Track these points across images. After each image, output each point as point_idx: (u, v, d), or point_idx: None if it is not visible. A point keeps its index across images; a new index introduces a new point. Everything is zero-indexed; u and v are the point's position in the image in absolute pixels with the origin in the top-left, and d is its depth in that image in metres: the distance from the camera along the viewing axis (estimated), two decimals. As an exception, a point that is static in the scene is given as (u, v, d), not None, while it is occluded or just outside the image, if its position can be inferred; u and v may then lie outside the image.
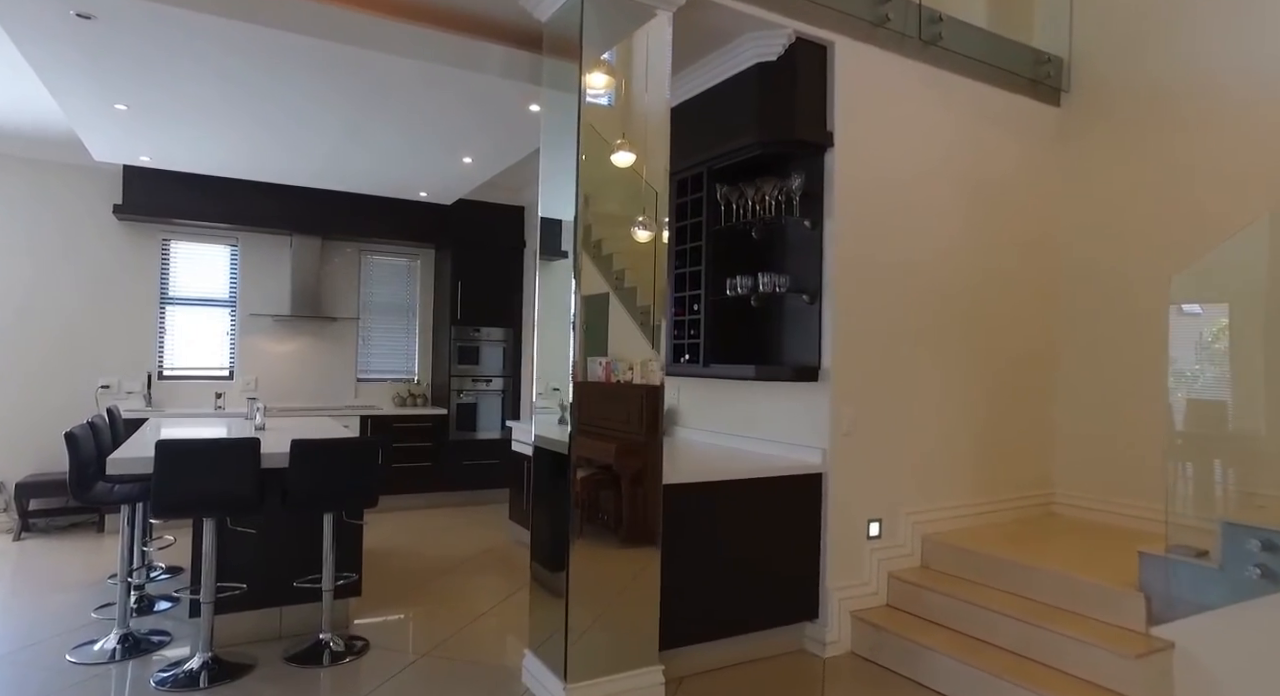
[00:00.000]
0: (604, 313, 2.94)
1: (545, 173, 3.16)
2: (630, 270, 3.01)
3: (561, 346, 2.83)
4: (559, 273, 3.01)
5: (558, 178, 3.01)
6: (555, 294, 3.04)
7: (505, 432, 6.61)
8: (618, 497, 2.84)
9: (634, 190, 3.00)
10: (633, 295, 3.01)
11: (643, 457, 2.85)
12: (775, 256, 3.70)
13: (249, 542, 3.19)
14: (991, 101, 3.92)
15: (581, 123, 2.77)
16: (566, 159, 2.86)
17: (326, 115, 4.16)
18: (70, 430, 3.12)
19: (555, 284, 3.07)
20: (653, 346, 2.96)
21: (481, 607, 3.86)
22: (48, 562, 4.52)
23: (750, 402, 3.76)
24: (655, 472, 2.87)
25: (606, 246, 2.98)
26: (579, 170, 2.78)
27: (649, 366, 2.98)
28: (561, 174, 2.94)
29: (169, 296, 5.97)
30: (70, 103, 3.95)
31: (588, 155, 2.81)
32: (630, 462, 2.85)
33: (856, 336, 3.43)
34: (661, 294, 2.98)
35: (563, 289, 2.85)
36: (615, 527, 2.82)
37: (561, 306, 2.86)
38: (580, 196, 2.78)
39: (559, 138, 2.96)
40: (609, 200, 2.96)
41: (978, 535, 3.63)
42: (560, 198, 2.98)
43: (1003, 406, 3.97)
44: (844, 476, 3.39)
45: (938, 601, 3.27)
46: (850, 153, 3.41)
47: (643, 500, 2.86)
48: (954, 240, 3.79)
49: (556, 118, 3.00)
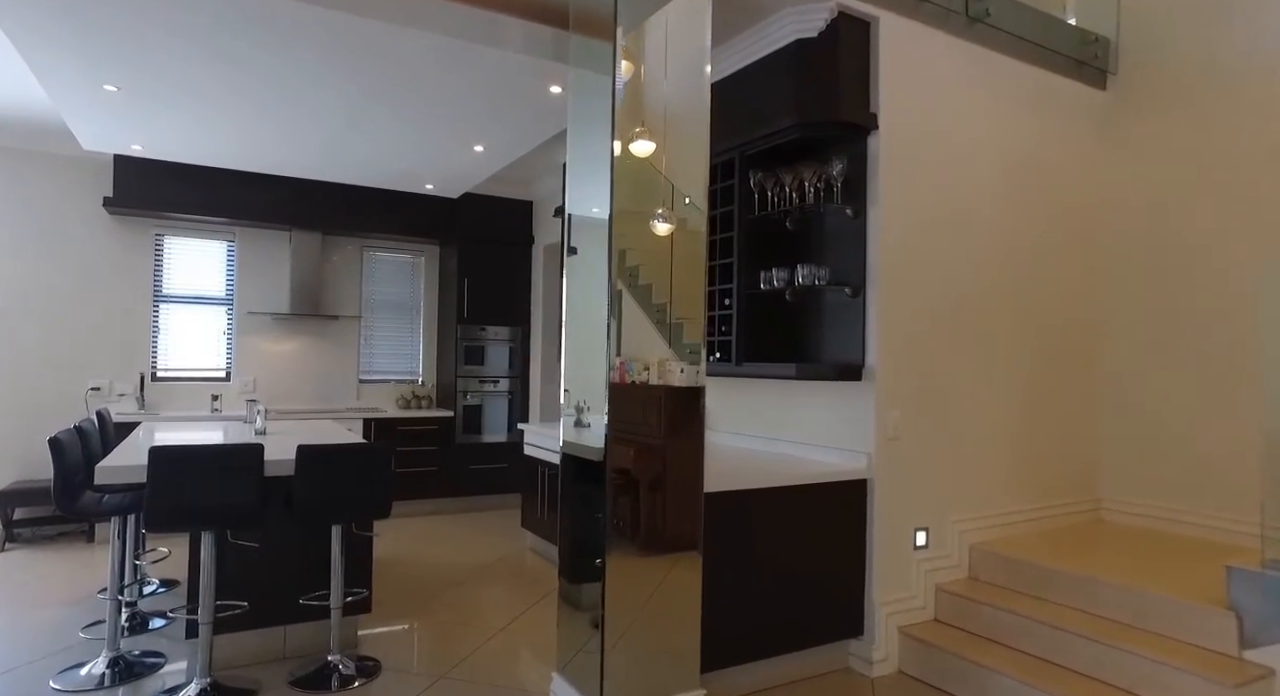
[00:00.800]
0: (617, 311, 2.74)
1: (573, 161, 2.93)
2: (645, 266, 2.82)
3: (589, 347, 2.62)
4: (588, 269, 2.80)
5: (586, 166, 2.81)
6: (584, 291, 2.82)
7: (512, 435, 6.38)
8: (651, 506, 2.61)
9: (650, 181, 2.79)
10: (648, 292, 2.80)
11: (670, 461, 2.63)
12: (812, 247, 3.48)
13: (251, 557, 2.94)
14: (1036, 83, 3.70)
15: (616, 107, 2.54)
16: (596, 146, 2.66)
17: (329, 100, 3.90)
18: (55, 435, 2.87)
19: (583, 280, 2.85)
20: (669, 345, 2.77)
21: (498, 622, 3.62)
22: (33, 575, 4.26)
23: (786, 404, 3.53)
24: (687, 478, 2.65)
25: (620, 241, 2.82)
26: (614, 159, 2.55)
27: (666, 366, 2.77)
28: (590, 162, 2.75)
29: (162, 294, 5.70)
30: (56, 84, 3.68)
31: (586, 148, 2.64)
32: (657, 467, 2.63)
33: (903, 332, 3.21)
34: (698, 289, 2.76)
35: (592, 286, 2.65)
36: (650, 539, 2.60)
37: (591, 305, 2.65)
38: (615, 187, 2.55)
39: (587, 124, 2.77)
40: (622, 192, 2.77)
41: (1027, 544, 3.41)
42: (588, 188, 2.79)
43: (1047, 405, 3.75)
44: (890, 483, 3.16)
45: (992, 616, 3.04)
46: (896, 136, 3.19)
47: (682, 508, 2.63)
48: (997, 231, 3.57)
49: (585, 101, 2.80)
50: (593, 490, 2.94)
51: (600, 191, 2.79)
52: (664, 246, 2.79)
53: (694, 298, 2.73)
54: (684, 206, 2.75)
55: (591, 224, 2.80)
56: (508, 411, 6.45)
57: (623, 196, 2.76)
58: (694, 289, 2.74)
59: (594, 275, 2.93)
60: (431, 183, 5.71)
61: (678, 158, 2.78)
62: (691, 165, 2.77)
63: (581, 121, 2.88)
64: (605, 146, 2.62)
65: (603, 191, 2.70)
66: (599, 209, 2.79)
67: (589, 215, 2.88)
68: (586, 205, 2.92)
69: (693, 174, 2.75)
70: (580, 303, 2.92)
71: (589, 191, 2.92)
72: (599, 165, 2.67)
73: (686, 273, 2.78)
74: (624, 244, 2.85)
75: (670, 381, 2.74)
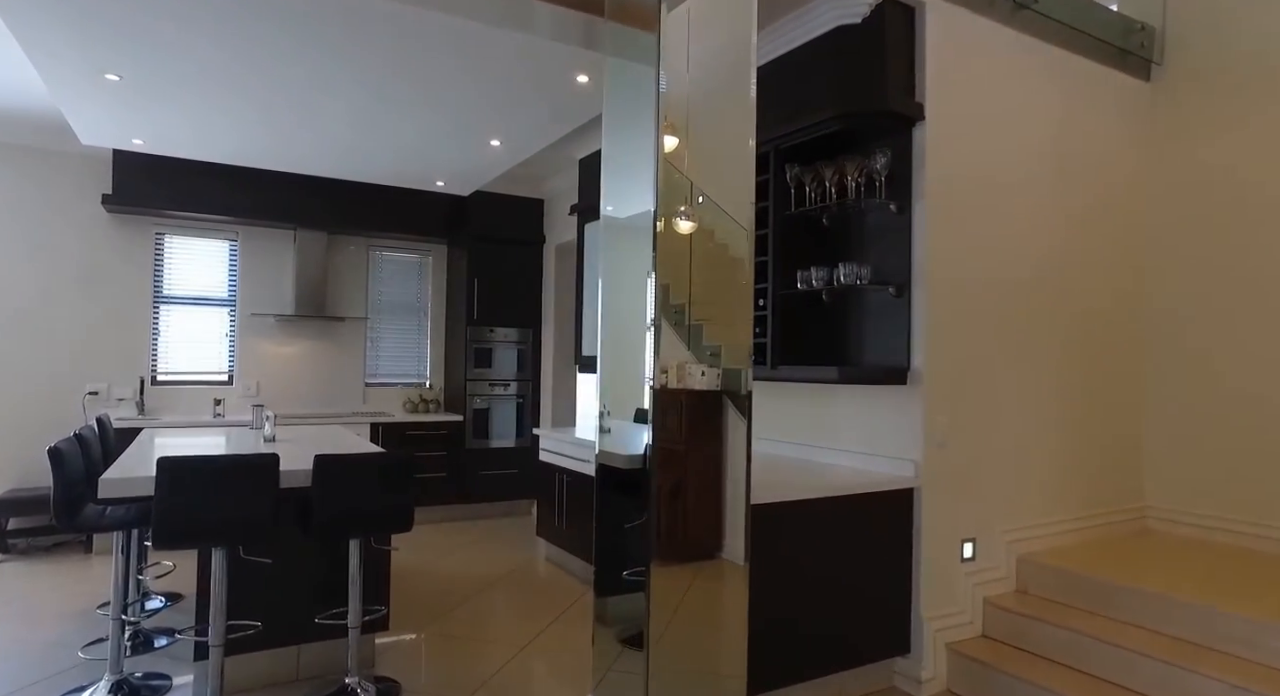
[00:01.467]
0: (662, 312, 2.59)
1: (608, 156, 2.77)
2: (661, 265, 2.67)
3: (621, 351, 2.48)
4: (622, 269, 2.66)
5: (622, 161, 2.67)
6: (615, 292, 2.67)
7: (521, 440, 6.21)
8: (673, 514, 2.47)
9: (669, 178, 2.64)
10: (665, 292, 2.65)
11: (690, 468, 2.49)
12: (850, 245, 3.32)
13: (264, 574, 2.76)
14: (1080, 73, 3.56)
15: (661, 100, 2.38)
16: (632, 141, 2.52)
17: (341, 91, 3.72)
18: (55, 445, 2.69)
19: (617, 281, 2.71)
20: (688, 347, 2.63)
21: (521, 638, 3.45)
22: (29, 589, 4.07)
23: (824, 409, 3.37)
24: (710, 485, 2.50)
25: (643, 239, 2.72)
26: (659, 153, 2.39)
27: (685, 369, 2.62)
28: (626, 157, 2.62)
29: (163, 295, 5.51)
30: (55, 74, 3.49)
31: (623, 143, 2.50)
32: (677, 474, 2.49)
33: (950, 333, 3.05)
34: (736, 290, 2.60)
35: (622, 286, 2.50)
36: (673, 549, 2.45)
37: (622, 307, 2.50)
38: (660, 184, 2.39)
39: (623, 118, 2.62)
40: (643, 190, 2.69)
41: (1078, 555, 3.26)
42: (622, 185, 2.65)
43: (1091, 409, 3.60)
44: (938, 492, 3.01)
45: (1046, 632, 2.88)
46: (943, 127, 3.04)
47: (704, 517, 2.49)
48: (1041, 227, 3.42)
49: (621, 93, 2.65)
50: (626, 500, 2.79)
51: (635, 188, 2.66)
52: (683, 246, 2.65)
53: (727, 299, 2.58)
54: (700, 204, 2.60)
55: (624, 223, 2.66)
56: (519, 416, 6.28)
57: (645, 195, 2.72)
58: (724, 289, 2.59)
59: (626, 275, 2.78)
60: (443, 179, 5.53)
61: (703, 153, 2.62)
62: (721, 160, 2.62)
63: (617, 115, 2.74)
64: (642, 142, 2.49)
65: (639, 189, 2.59)
66: (635, 207, 2.67)
67: (624, 213, 2.74)
68: (621, 203, 2.77)
69: (718, 170, 2.60)
70: (612, 305, 2.78)
71: (623, 188, 2.78)
72: (635, 161, 2.54)
73: (710, 271, 2.64)
74: (621, 242, 2.80)
75: (690, 385, 2.61)
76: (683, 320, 2.72)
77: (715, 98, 2.61)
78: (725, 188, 2.60)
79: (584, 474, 4.28)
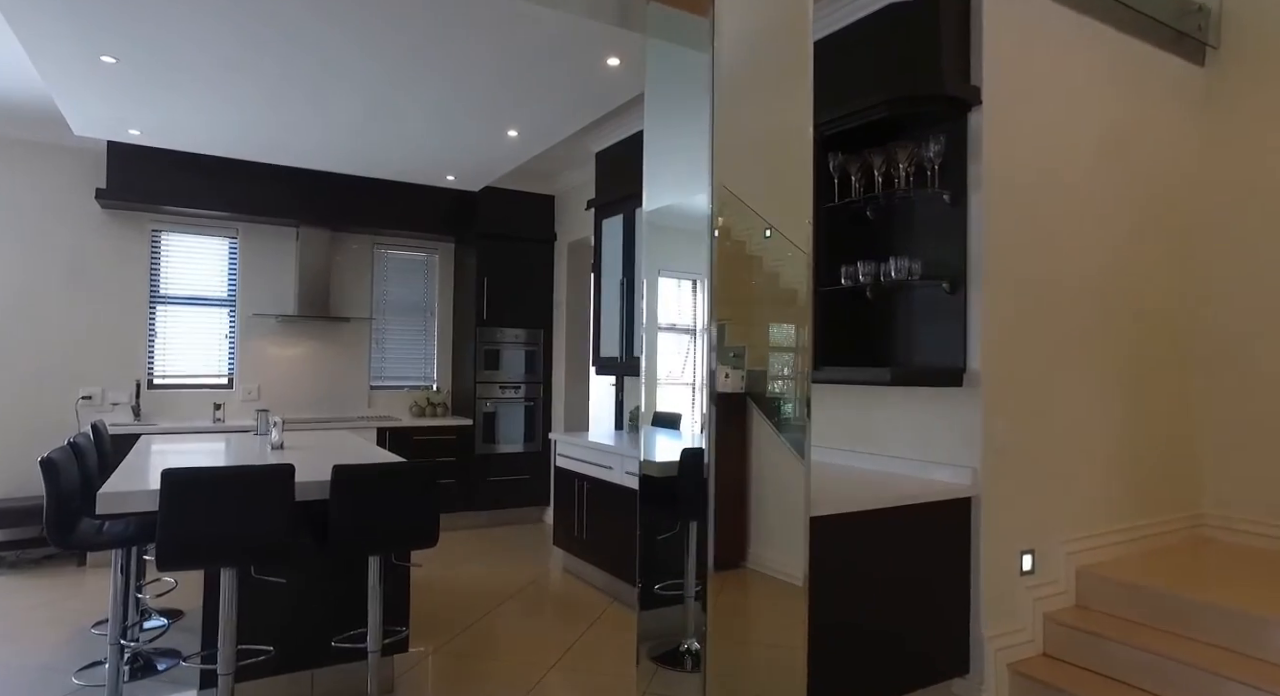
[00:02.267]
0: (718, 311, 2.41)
1: (650, 150, 2.58)
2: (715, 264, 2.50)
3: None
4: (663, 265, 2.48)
5: (669, 155, 2.50)
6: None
7: (531, 445, 5.99)
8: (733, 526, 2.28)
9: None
10: (719, 293, 2.47)
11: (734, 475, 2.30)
12: (895, 238, 3.12)
13: (276, 594, 2.55)
14: (1135, 57, 3.38)
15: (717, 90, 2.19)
16: (684, 131, 2.37)
17: (356, 75, 3.48)
18: (48, 456, 2.46)
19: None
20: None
21: (548, 656, 3.24)
22: (18, 606, 3.83)
23: (870, 413, 3.18)
24: (733, 492, 2.31)
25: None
26: (714, 148, 2.19)
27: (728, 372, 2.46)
28: (675, 152, 2.48)
29: (159, 294, 5.28)
30: (46, 56, 3.25)
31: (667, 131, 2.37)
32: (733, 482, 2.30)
33: (1009, 332, 2.87)
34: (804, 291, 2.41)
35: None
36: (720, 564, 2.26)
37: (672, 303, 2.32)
38: (715, 179, 2.20)
39: (666, 105, 2.43)
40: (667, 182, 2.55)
41: (1139, 567, 3.07)
42: (669, 178, 2.47)
43: (1147, 411, 3.42)
44: (997, 501, 2.82)
45: (1114, 652, 2.69)
46: (1001, 112, 2.85)
47: (728, 525, 2.30)
48: (1097, 219, 3.24)
49: (667, 80, 2.49)
50: (659, 510, 2.62)
51: (678, 181, 2.49)
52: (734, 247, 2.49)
53: (777, 297, 2.40)
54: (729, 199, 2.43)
55: (668, 217, 2.49)
56: (530, 419, 6.06)
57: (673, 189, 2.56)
58: (774, 286, 2.41)
59: (668, 271, 2.60)
60: (454, 174, 5.31)
61: (734, 142, 2.43)
62: (770, 149, 2.43)
63: (660, 101, 2.56)
64: (685, 131, 2.32)
65: (681, 182, 2.42)
66: (679, 201, 2.49)
67: (666, 206, 2.56)
68: (662, 196, 2.60)
69: (767, 160, 2.42)
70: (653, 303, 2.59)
71: (665, 181, 2.60)
72: (679, 150, 2.37)
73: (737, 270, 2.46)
74: (665, 241, 2.63)
75: (716, 388, 2.42)
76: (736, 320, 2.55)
77: (763, 80, 2.41)
78: (776, 181, 2.41)
79: (605, 481, 4.08)
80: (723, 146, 2.19)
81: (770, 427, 2.32)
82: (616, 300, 4.61)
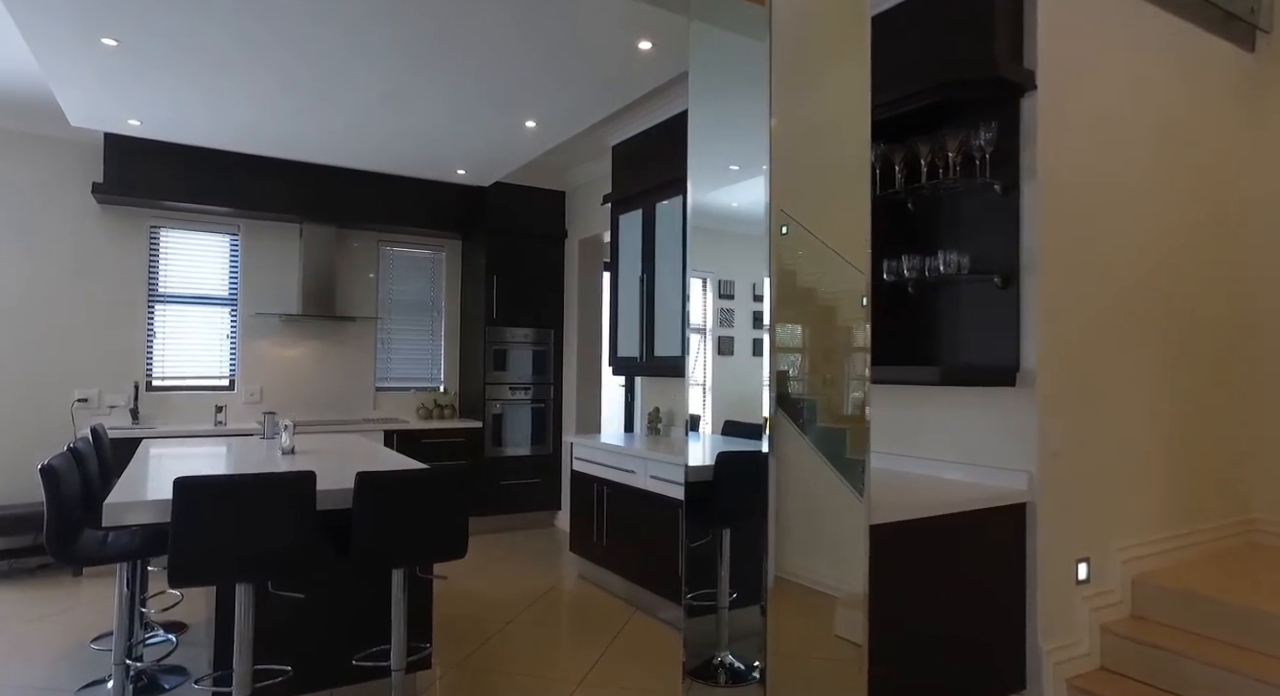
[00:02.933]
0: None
1: (695, 139, 2.44)
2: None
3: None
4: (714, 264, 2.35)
5: (713, 144, 2.38)
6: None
7: (540, 447, 5.83)
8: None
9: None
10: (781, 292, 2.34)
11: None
12: (940, 231, 2.98)
13: (294, 609, 2.38)
14: (1185, 40, 3.25)
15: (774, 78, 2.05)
16: (729, 120, 2.25)
17: (374, 58, 3.25)
18: (49, 463, 2.29)
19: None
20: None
21: (574, 671, 3.08)
22: (12, 619, 3.64)
23: (911, 413, 3.03)
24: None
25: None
26: (772, 151, 2.04)
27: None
28: (719, 141, 2.39)
29: (158, 293, 5.09)
30: (43, 38, 3.06)
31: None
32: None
33: (1065, 329, 2.73)
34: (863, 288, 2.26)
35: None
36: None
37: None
38: (773, 178, 2.06)
39: (710, 93, 2.31)
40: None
41: (1195, 575, 2.93)
42: (713, 169, 2.35)
43: (1198, 412, 3.29)
44: (1053, 506, 2.68)
45: (1182, 667, 2.55)
46: (1057, 97, 2.71)
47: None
48: (1150, 211, 3.11)
49: (711, 67, 2.36)
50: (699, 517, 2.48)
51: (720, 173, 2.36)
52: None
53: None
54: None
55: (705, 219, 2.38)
56: (540, 421, 5.89)
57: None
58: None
59: (712, 266, 2.46)
60: (465, 168, 5.14)
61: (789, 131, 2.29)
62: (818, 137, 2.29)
63: (703, 90, 2.43)
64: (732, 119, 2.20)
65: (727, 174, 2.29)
66: (723, 196, 2.37)
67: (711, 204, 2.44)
68: (707, 190, 2.47)
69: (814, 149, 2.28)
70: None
71: (709, 174, 2.46)
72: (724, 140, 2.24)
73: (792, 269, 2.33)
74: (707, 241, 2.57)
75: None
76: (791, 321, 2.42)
77: (818, 66, 2.26)
78: (826, 170, 2.26)
79: (628, 485, 3.93)
80: (780, 138, 2.04)
81: (814, 434, 2.16)
82: (635, 298, 4.46)
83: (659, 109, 4.23)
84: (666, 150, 4.21)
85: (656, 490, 3.69)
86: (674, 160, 4.12)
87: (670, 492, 3.57)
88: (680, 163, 3.99)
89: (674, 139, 4.15)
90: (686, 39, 3.04)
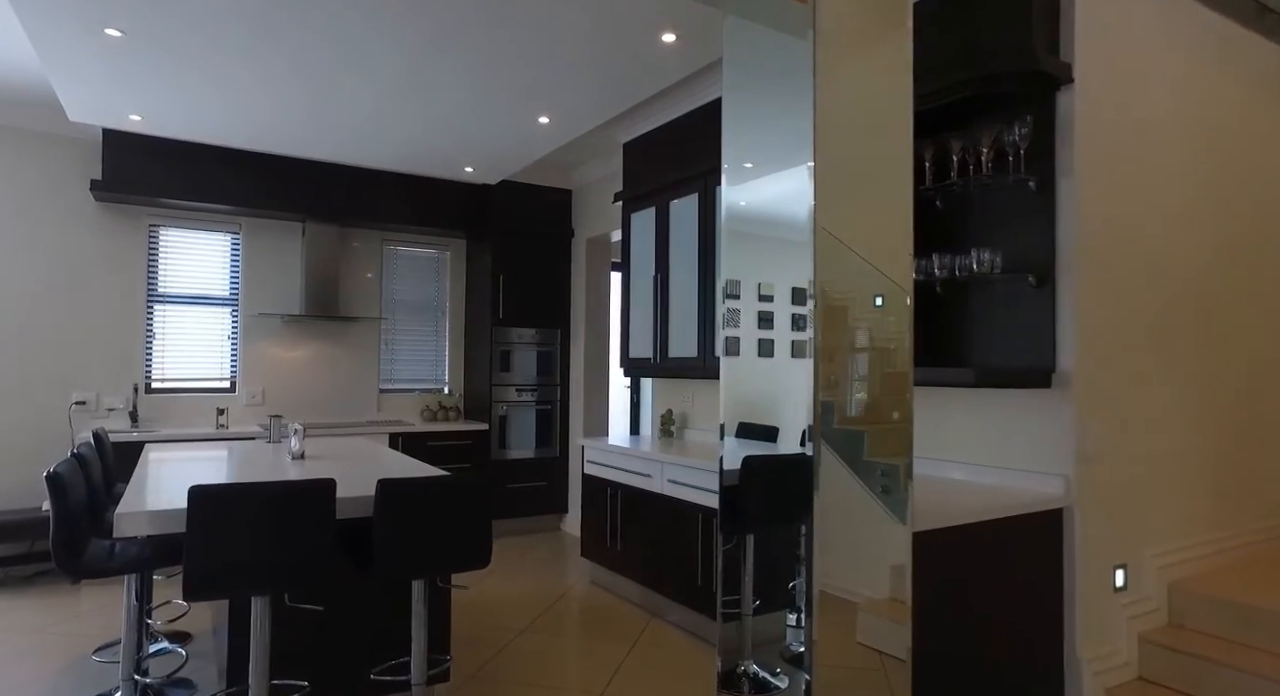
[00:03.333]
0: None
1: (730, 133, 2.37)
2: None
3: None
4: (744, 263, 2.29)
5: (749, 139, 2.31)
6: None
7: (545, 450, 5.73)
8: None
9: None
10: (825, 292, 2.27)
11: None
12: (969, 229, 2.91)
13: (310, 622, 2.29)
14: (1218, 34, 3.19)
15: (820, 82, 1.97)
16: (753, 119, 2.21)
17: (386, 49, 3.13)
18: (55, 470, 2.18)
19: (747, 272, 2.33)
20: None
21: (595, 682, 2.99)
22: (10, 629, 3.52)
23: (943, 416, 2.96)
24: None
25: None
26: (818, 148, 1.97)
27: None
28: (756, 134, 2.29)
29: (158, 293, 4.98)
30: (44, 27, 2.93)
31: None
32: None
33: (1103, 329, 2.66)
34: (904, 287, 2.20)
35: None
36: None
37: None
38: (818, 181, 1.98)
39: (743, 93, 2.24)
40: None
41: (1232, 581, 2.87)
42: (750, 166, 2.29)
43: (1242, 412, 3.23)
44: (1091, 512, 2.61)
45: (1223, 677, 2.49)
46: (1095, 91, 2.65)
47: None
48: (1188, 209, 3.05)
49: (747, 63, 2.29)
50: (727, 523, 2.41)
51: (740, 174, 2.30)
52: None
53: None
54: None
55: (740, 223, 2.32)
56: (545, 424, 5.80)
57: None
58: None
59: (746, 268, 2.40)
60: (473, 165, 5.04)
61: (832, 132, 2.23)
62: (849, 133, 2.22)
63: (737, 89, 2.36)
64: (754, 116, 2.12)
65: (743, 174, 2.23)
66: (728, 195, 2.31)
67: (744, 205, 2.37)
68: (743, 186, 2.40)
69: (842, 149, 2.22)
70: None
71: (745, 169, 2.39)
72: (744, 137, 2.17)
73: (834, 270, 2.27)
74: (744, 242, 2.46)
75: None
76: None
77: (860, 60, 2.18)
78: (868, 168, 2.20)
79: (644, 489, 3.84)
80: (824, 134, 1.97)
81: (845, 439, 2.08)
82: (648, 298, 4.37)
83: (674, 105, 4.15)
84: (682, 147, 4.13)
85: (675, 494, 3.60)
86: (689, 157, 4.03)
87: (689, 497, 3.49)
88: (697, 160, 3.95)
89: (690, 136, 4.07)
90: (711, 32, 2.97)
